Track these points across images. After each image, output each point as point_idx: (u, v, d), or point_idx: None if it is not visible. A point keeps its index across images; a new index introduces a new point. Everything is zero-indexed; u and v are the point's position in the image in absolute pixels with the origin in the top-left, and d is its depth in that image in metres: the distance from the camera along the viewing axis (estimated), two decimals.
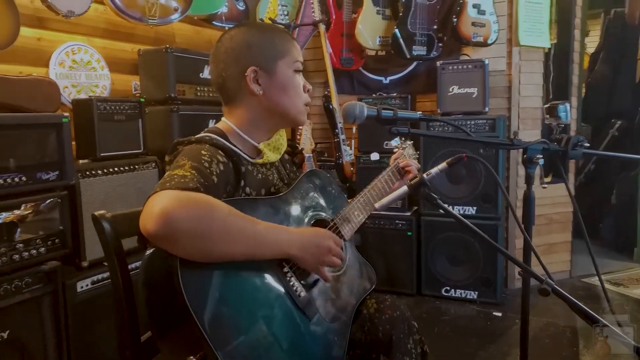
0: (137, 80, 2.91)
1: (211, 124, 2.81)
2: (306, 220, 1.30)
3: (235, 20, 3.16)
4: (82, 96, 2.58)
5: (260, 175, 1.30)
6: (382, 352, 1.24)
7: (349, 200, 1.47)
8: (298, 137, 2.74)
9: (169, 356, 1.06)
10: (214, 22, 3.11)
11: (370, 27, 3.34)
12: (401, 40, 3.21)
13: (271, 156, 1.32)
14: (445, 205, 1.30)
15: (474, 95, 3.11)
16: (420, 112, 1.41)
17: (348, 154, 3.11)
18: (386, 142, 3.29)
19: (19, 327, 1.95)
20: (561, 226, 3.59)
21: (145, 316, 1.08)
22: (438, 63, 3.17)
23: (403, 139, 1.80)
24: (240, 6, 3.19)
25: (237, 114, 1.30)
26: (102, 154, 2.41)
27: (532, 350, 1.57)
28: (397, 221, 3.27)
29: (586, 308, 1.10)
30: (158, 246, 0.99)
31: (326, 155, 3.43)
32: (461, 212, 3.13)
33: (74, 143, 2.46)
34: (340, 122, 3.08)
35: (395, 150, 1.75)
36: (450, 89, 3.15)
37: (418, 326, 2.93)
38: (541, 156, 1.45)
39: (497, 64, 3.35)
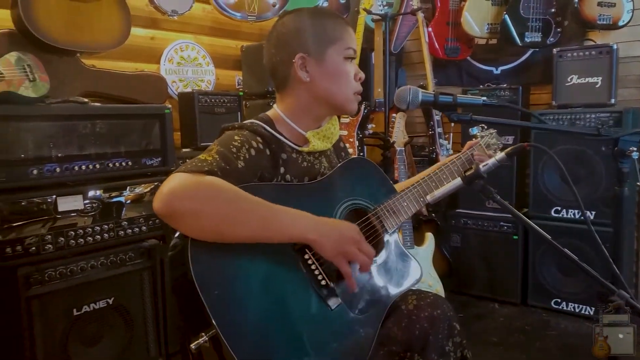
0: (240, 76, 3.08)
1: None
2: (340, 208, 1.26)
3: None
4: (188, 90, 2.80)
5: (305, 163, 1.30)
6: (417, 351, 1.17)
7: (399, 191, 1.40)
8: (390, 129, 2.67)
9: (188, 332, 1.09)
10: None
11: (477, 14, 3.13)
12: (511, 26, 2.95)
13: (319, 145, 1.31)
14: (504, 201, 1.17)
15: (597, 85, 2.75)
16: (484, 98, 1.28)
17: (445, 148, 2.95)
18: None
19: (123, 294, 2.19)
20: None
21: None
22: (554, 50, 2.86)
23: (484, 127, 1.67)
24: (341, 0, 3.20)
25: (286, 101, 1.31)
26: (202, 144, 2.59)
27: None
28: (502, 223, 3.03)
29: None
30: (167, 224, 1.04)
31: (427, 150, 3.29)
32: (576, 216, 2.80)
33: (179, 133, 2.69)
34: (437, 115, 2.94)
35: (473, 138, 1.63)
36: (569, 79, 2.82)
37: (520, 339, 2.69)
38: (635, 149, 1.24)
39: (631, 49, 2.93)
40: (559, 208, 2.86)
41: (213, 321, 0.97)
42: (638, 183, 1.36)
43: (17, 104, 1.96)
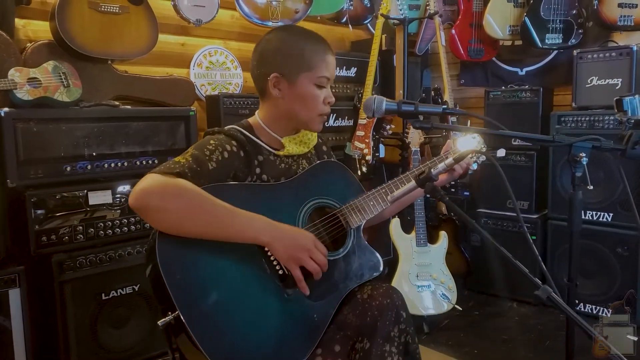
0: None
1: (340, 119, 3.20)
2: (306, 207, 1.37)
3: (360, 17, 3.27)
4: (215, 93, 2.96)
5: (283, 165, 1.42)
6: (367, 335, 1.27)
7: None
8: (407, 130, 2.74)
9: (160, 316, 1.21)
10: (341, 21, 3.25)
11: (500, 16, 3.13)
12: (532, 28, 2.94)
13: (293, 149, 1.43)
14: (452, 203, 1.24)
15: (617, 87, 2.70)
16: (445, 107, 1.36)
17: None
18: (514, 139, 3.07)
19: (146, 282, 2.37)
20: None
21: None
22: (575, 52, 2.83)
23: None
24: (366, 3, 3.28)
25: (264, 110, 1.44)
26: None
27: None
28: (520, 224, 3.04)
29: (582, 320, 1.02)
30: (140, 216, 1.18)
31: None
32: (594, 218, 2.78)
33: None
34: (452, 118, 2.97)
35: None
36: (589, 80, 2.79)
37: (530, 338, 2.71)
38: (584, 155, 1.29)
39: None
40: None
41: (174, 302, 1.10)
42: (589, 187, 1.41)
43: (52, 107, 2.18)
